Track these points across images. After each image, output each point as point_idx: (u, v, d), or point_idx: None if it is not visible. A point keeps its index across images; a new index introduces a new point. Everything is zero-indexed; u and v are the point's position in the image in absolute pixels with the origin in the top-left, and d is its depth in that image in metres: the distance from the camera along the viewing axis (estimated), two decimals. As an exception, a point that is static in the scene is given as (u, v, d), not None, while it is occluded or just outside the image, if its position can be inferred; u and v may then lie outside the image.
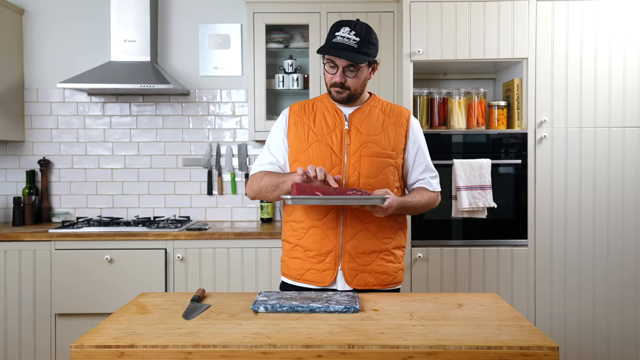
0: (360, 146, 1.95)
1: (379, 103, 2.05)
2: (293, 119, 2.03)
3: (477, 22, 3.06)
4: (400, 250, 2.04)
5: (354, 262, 1.95)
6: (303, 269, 1.99)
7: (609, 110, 3.07)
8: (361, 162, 1.95)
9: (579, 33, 3.05)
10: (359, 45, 1.88)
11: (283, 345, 1.40)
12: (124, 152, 3.66)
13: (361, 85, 1.97)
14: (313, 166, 1.86)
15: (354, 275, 1.96)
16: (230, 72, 3.66)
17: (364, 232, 1.95)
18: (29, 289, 3.09)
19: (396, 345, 1.39)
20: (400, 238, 2.04)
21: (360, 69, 1.93)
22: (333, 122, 1.99)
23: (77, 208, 3.66)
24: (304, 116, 2.02)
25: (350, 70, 1.91)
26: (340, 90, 1.94)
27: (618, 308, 3.09)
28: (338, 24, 1.92)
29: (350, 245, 1.95)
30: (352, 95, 1.97)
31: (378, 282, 1.98)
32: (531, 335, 1.47)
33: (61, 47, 3.64)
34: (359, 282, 1.96)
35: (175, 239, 3.10)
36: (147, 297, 1.87)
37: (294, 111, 2.05)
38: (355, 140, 1.96)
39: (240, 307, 1.73)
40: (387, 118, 2.01)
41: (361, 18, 3.31)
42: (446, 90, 3.24)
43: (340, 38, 1.89)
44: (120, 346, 1.40)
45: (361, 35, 1.89)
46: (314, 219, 1.97)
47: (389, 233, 1.99)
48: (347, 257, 1.95)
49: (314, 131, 1.99)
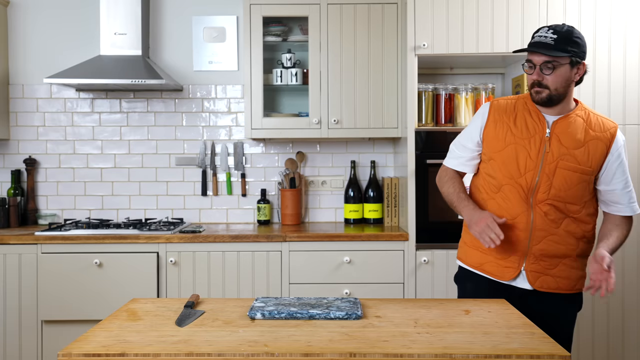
0: (558, 157, 2.01)
1: (584, 113, 2.07)
2: (493, 117, 2.11)
3: (485, 14, 3.06)
4: (583, 258, 2.12)
5: (538, 264, 2.06)
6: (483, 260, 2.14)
7: (624, 106, 3.06)
8: (556, 174, 2.01)
9: (592, 26, 3.05)
10: (555, 42, 1.95)
11: (281, 353, 1.40)
12: (114, 150, 3.66)
13: (562, 85, 1.99)
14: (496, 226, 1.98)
15: (537, 277, 2.06)
16: (226, 67, 3.66)
17: (553, 236, 2.05)
18: (14, 294, 3.09)
19: (400, 354, 1.40)
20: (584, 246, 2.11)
21: (559, 67, 1.97)
22: (534, 126, 2.05)
23: (65, 209, 3.66)
24: (505, 115, 2.09)
25: (547, 67, 1.97)
26: (539, 89, 2.00)
27: (634, 312, 3.09)
28: (539, 28, 2.03)
29: (538, 248, 2.05)
30: (552, 96, 2.00)
31: (559, 286, 2.08)
32: (541, 343, 1.47)
33: (48, 40, 3.64)
34: (541, 284, 2.07)
35: (168, 242, 3.10)
36: (139, 303, 1.87)
37: (495, 108, 2.13)
38: (554, 149, 2.02)
39: (236, 314, 1.73)
40: (591, 131, 2.03)
41: (364, 10, 3.31)
42: (452, 86, 3.24)
43: (538, 37, 1.99)
44: (110, 354, 1.40)
45: (560, 33, 1.96)
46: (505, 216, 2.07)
47: (575, 240, 2.07)
48: (532, 259, 2.06)
49: (513, 132, 2.06)
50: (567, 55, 1.95)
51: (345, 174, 3.67)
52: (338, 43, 3.33)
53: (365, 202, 3.53)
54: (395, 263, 3.09)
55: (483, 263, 2.14)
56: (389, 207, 3.48)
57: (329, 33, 3.32)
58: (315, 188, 3.69)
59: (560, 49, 1.94)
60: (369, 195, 3.53)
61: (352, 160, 3.61)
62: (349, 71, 3.34)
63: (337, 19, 3.32)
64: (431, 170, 3.07)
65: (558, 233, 2.04)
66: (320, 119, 3.34)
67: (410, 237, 3.08)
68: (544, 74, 1.98)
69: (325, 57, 3.33)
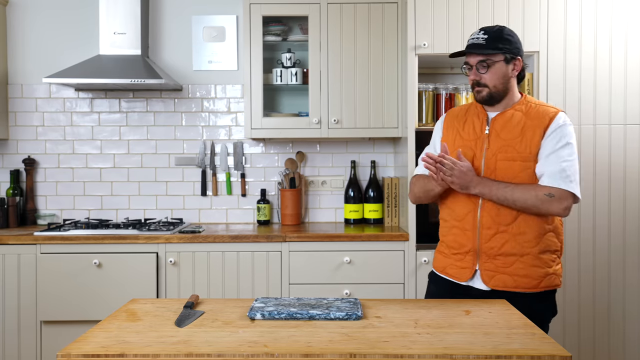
0: (497, 151, 2.06)
1: (525, 106, 2.10)
2: (447, 124, 2.23)
3: (486, 13, 3.06)
4: (548, 254, 2.07)
5: (492, 263, 2.07)
6: (445, 263, 2.19)
7: (625, 106, 3.07)
8: (497, 167, 2.05)
9: (593, 25, 3.05)
10: (487, 42, 2.05)
11: (281, 354, 1.40)
12: (113, 150, 3.66)
13: (500, 82, 2.07)
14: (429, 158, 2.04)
15: (491, 276, 2.07)
16: (225, 67, 3.66)
17: (503, 234, 2.05)
18: (13, 295, 3.09)
19: (400, 355, 1.40)
20: (548, 242, 2.07)
21: (493, 64, 2.06)
22: (480, 127, 2.13)
23: (64, 209, 3.66)
24: (456, 121, 2.20)
25: (482, 66, 2.06)
26: (479, 89, 2.09)
27: (635, 311, 3.09)
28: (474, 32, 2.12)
29: (488, 246, 2.07)
30: (493, 94, 2.08)
31: (517, 284, 2.05)
32: (542, 344, 1.47)
33: (47, 40, 3.64)
34: (496, 283, 2.06)
35: (168, 242, 3.10)
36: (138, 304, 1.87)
37: (449, 116, 2.25)
38: (493, 144, 2.08)
39: (236, 314, 1.73)
40: (529, 121, 2.06)
41: (364, 9, 3.31)
42: (453, 86, 3.24)
43: (471, 40, 2.09)
44: (110, 355, 1.40)
45: (490, 33, 2.06)
46: (455, 219, 2.14)
47: (533, 236, 2.04)
48: (485, 258, 2.08)
49: (462, 136, 2.15)
50: (499, 52, 2.04)
51: (345, 174, 3.67)
52: (338, 43, 3.33)
53: (366, 202, 3.53)
54: (396, 263, 3.09)
55: (446, 266, 2.19)
56: (389, 207, 3.48)
57: (329, 32, 3.32)
58: (315, 188, 3.69)
59: (491, 47, 2.04)
60: (369, 196, 3.53)
61: (352, 160, 3.61)
62: (349, 71, 3.34)
63: (337, 19, 3.32)
64: (431, 170, 3.06)
65: (509, 230, 2.04)
66: (320, 119, 3.34)
67: (410, 238, 3.08)
68: (481, 73, 2.07)
69: (326, 57, 3.33)
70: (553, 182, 1.98)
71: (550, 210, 1.99)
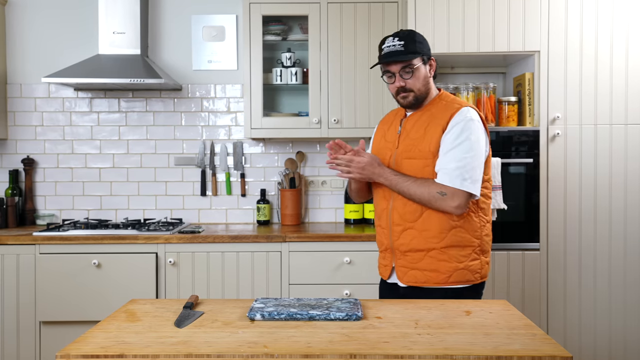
0: (403, 150, 2.12)
1: (437, 104, 2.14)
2: (378, 128, 2.33)
3: (486, 13, 3.06)
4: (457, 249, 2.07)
5: (404, 260, 2.12)
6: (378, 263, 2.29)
7: (626, 106, 3.07)
8: (402, 165, 2.11)
9: (594, 24, 3.05)
10: (405, 47, 2.07)
11: (281, 354, 1.40)
12: (113, 150, 3.66)
13: (423, 84, 2.12)
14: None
15: (405, 272, 2.12)
16: (225, 66, 3.66)
17: (410, 230, 2.09)
18: (11, 295, 3.09)
19: (400, 355, 1.40)
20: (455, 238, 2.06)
21: (416, 69, 2.09)
22: (396, 129, 2.21)
23: (63, 210, 3.67)
24: (385, 125, 2.28)
25: (406, 72, 2.09)
26: (405, 94, 2.12)
27: (636, 313, 3.09)
28: (383, 40, 2.15)
29: (398, 243, 2.12)
30: (418, 97, 2.12)
31: (427, 279, 2.08)
32: (543, 345, 1.47)
33: (46, 39, 3.64)
34: (409, 278, 2.11)
35: (167, 243, 3.10)
36: (137, 304, 1.87)
37: (380, 123, 2.34)
38: (401, 144, 2.14)
39: (235, 315, 1.73)
40: (434, 118, 2.09)
41: (364, 9, 3.31)
42: (453, 85, 3.24)
43: (387, 48, 2.10)
44: (109, 356, 1.40)
45: (405, 39, 2.08)
46: (376, 217, 2.24)
47: (438, 232, 2.06)
48: (398, 254, 2.14)
49: (386, 138, 2.23)
50: (418, 56, 2.09)
51: (345, 174, 3.67)
52: (338, 42, 3.33)
53: (366, 202, 3.53)
54: (396, 264, 3.09)
55: (379, 265, 2.28)
56: (389, 208, 3.48)
57: (329, 32, 3.32)
58: (315, 188, 3.69)
59: (411, 52, 2.07)
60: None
61: (353, 160, 3.61)
62: (349, 70, 3.34)
63: (337, 18, 3.32)
64: (432, 170, 3.07)
65: (416, 227, 2.08)
66: (321, 119, 3.34)
67: (410, 238, 3.07)
68: (405, 79, 2.09)
69: (326, 56, 3.33)
70: (446, 180, 2.00)
71: (442, 207, 2.02)
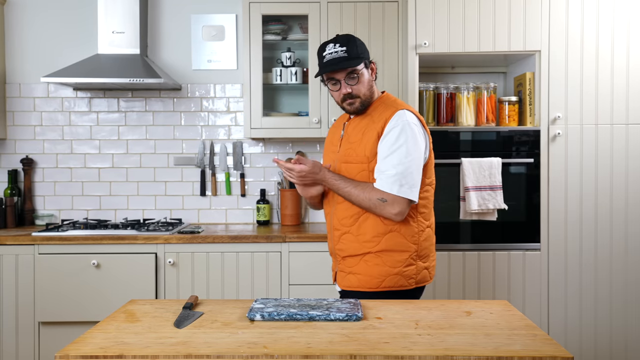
0: (342, 155, 2.13)
1: (378, 106, 2.12)
2: (329, 132, 2.33)
3: (487, 12, 3.06)
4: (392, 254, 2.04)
5: (343, 264, 2.14)
6: None
7: (627, 106, 3.07)
8: (341, 169, 2.12)
9: (595, 24, 3.05)
10: (348, 53, 2.04)
11: (281, 355, 1.40)
12: (112, 150, 3.66)
13: (368, 88, 2.11)
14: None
15: (343, 277, 2.14)
16: (225, 66, 3.66)
17: (347, 235, 2.10)
18: (10, 295, 3.09)
19: (401, 356, 1.40)
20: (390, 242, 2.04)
21: (361, 74, 2.07)
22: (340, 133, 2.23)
23: (62, 210, 3.66)
24: (334, 127, 2.29)
25: (351, 79, 2.07)
26: (351, 101, 2.10)
27: (637, 313, 3.09)
28: (322, 46, 2.10)
29: (337, 248, 2.15)
30: (364, 102, 2.11)
31: (361, 284, 2.08)
32: (544, 345, 1.47)
33: (45, 39, 3.64)
34: (346, 283, 2.13)
35: (166, 243, 3.10)
36: (137, 305, 1.87)
37: (333, 124, 2.33)
38: (342, 149, 2.15)
39: (235, 315, 1.73)
40: (372, 122, 2.08)
41: (364, 8, 3.31)
42: (454, 85, 3.24)
43: (329, 55, 2.06)
44: (108, 356, 1.40)
45: (347, 44, 2.05)
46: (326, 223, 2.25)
47: (373, 236, 2.05)
48: (338, 259, 2.17)
49: (333, 142, 2.24)
50: (362, 60, 2.06)
51: (345, 174, 3.67)
52: (338, 42, 3.32)
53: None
54: (396, 264, 3.09)
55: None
56: (389, 208, 3.48)
57: (329, 31, 3.31)
58: (315, 188, 3.68)
59: (355, 57, 2.04)
60: (370, 196, 3.53)
61: (353, 160, 3.61)
62: (350, 70, 3.33)
63: (338, 18, 3.32)
64: (432, 170, 3.07)
65: (352, 231, 2.08)
66: (321, 119, 3.34)
67: (411, 238, 3.07)
68: (351, 85, 2.07)
69: (326, 56, 3.32)
70: (385, 186, 1.98)
71: (382, 214, 2.01)
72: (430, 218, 2.14)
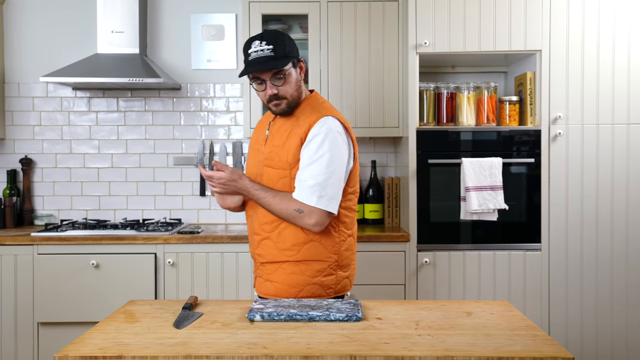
0: (265, 157, 2.04)
1: (305, 108, 2.04)
2: (255, 129, 2.22)
3: (488, 11, 3.06)
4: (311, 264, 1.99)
5: (262, 270, 2.07)
6: None
7: (628, 105, 3.07)
8: (262, 174, 2.03)
9: (596, 24, 3.05)
10: (275, 52, 1.94)
11: (281, 356, 1.40)
12: (111, 150, 3.66)
13: (295, 89, 2.01)
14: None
15: (260, 283, 2.07)
16: (225, 65, 3.66)
17: (266, 241, 2.03)
18: (9, 296, 3.09)
19: (401, 356, 1.40)
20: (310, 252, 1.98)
21: (288, 74, 1.98)
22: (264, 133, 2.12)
23: (62, 210, 3.66)
24: (260, 124, 2.19)
25: (278, 79, 1.97)
26: (277, 102, 2.00)
27: (638, 314, 3.09)
28: (247, 42, 2.00)
29: (257, 253, 2.08)
30: (291, 104, 2.01)
31: (278, 292, 2.01)
32: (545, 346, 1.47)
33: (44, 38, 3.64)
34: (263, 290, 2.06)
35: (166, 243, 3.10)
36: (136, 305, 1.87)
37: (259, 120, 2.22)
38: (265, 150, 2.05)
39: (235, 316, 1.73)
40: (296, 126, 1.99)
41: (364, 7, 3.31)
42: (454, 85, 3.24)
43: (255, 54, 1.95)
44: (107, 357, 1.40)
45: (274, 42, 1.95)
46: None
47: (292, 244, 1.98)
48: (257, 264, 2.10)
49: (257, 141, 2.14)
50: (290, 60, 1.97)
51: (345, 174, 3.67)
52: (338, 41, 3.33)
53: (366, 203, 3.53)
54: (396, 264, 3.09)
55: None
56: (389, 208, 3.48)
57: (329, 31, 3.32)
58: (315, 188, 3.68)
59: (282, 57, 1.95)
60: (370, 195, 3.53)
61: (353, 160, 3.61)
62: (350, 70, 3.33)
63: (338, 17, 3.32)
64: (433, 171, 3.07)
65: (271, 237, 2.01)
66: (320, 118, 3.33)
67: (411, 238, 3.08)
68: (277, 86, 1.97)
69: (326, 56, 3.33)
70: (304, 197, 1.91)
71: (300, 224, 1.94)
72: (353, 227, 2.08)
